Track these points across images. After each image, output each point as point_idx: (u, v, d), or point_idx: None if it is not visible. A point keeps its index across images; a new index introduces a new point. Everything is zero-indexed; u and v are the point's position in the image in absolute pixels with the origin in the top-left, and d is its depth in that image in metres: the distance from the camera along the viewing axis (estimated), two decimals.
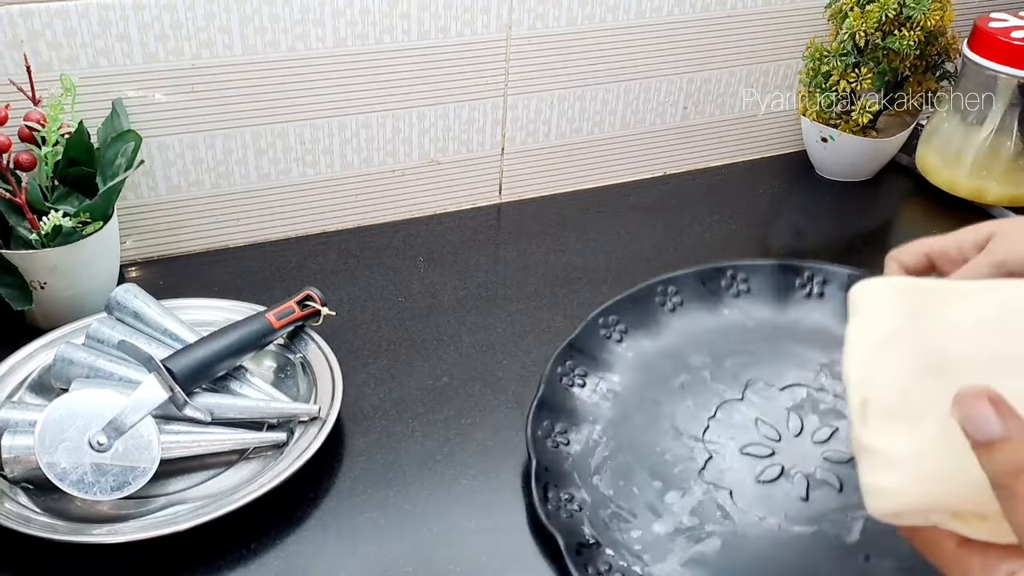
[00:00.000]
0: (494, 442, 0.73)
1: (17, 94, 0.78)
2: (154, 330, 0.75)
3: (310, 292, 0.78)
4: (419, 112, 0.97)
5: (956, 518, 0.42)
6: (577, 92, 1.03)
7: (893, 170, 1.16)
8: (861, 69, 1.04)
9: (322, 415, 0.71)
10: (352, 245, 0.98)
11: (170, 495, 0.67)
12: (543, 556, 0.64)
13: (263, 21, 0.85)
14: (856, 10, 1.02)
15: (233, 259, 0.95)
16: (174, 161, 0.89)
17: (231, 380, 0.74)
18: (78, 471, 0.63)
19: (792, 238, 1.05)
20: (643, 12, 1.01)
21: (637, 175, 1.13)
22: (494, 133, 1.02)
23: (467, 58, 0.96)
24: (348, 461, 0.71)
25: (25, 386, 0.74)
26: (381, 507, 0.67)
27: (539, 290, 0.92)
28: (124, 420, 0.64)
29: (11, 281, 0.77)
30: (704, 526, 0.65)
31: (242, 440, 0.70)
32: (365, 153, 0.97)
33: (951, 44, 1.05)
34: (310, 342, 0.78)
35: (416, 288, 0.91)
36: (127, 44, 0.82)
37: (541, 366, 0.80)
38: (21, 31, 0.78)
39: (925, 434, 0.42)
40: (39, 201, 0.78)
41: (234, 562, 0.63)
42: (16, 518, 0.62)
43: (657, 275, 0.83)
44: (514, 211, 1.06)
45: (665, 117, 1.10)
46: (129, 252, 0.92)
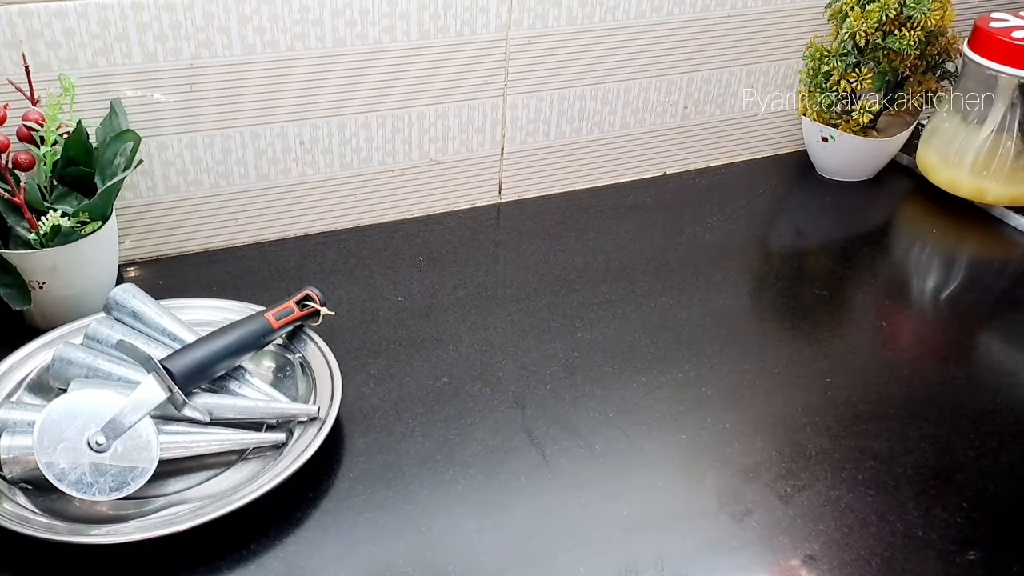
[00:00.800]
0: (494, 442, 0.73)
1: (16, 94, 0.78)
2: (153, 330, 0.75)
3: (309, 292, 0.78)
4: (418, 112, 0.97)
5: None
6: (577, 92, 1.03)
7: (894, 170, 1.16)
8: (861, 69, 1.04)
9: (321, 415, 0.71)
10: (351, 245, 0.97)
11: (169, 495, 0.67)
12: (543, 556, 0.64)
13: (262, 21, 0.85)
14: (856, 10, 1.02)
15: (232, 259, 0.94)
16: (173, 161, 0.89)
17: (230, 380, 0.74)
18: (77, 471, 0.63)
19: (792, 238, 1.05)
20: (643, 12, 1.01)
21: (637, 175, 1.13)
22: (494, 133, 1.02)
23: (467, 58, 0.96)
24: (347, 461, 0.71)
25: (24, 386, 0.74)
26: (380, 507, 0.67)
27: (539, 290, 0.92)
28: (123, 420, 0.64)
29: (10, 281, 0.76)
30: None
31: (241, 440, 0.70)
32: (364, 153, 0.97)
33: (951, 44, 1.05)
34: (309, 342, 0.78)
35: (416, 288, 0.91)
36: (126, 44, 0.82)
37: (541, 366, 0.80)
38: (20, 31, 0.78)
39: None
40: (38, 201, 0.78)
41: (233, 563, 0.63)
42: (15, 518, 0.62)
43: (657, 274, 0.82)
44: (514, 211, 1.06)
45: (665, 117, 1.10)
46: (128, 252, 0.92)
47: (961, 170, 1.07)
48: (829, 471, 0.72)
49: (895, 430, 0.77)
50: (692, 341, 0.81)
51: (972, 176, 1.06)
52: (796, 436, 0.76)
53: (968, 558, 0.66)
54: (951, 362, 0.85)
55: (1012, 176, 1.05)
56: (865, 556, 0.65)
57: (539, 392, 0.78)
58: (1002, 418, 0.79)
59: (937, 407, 0.80)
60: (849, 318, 0.92)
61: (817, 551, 0.66)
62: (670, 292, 0.92)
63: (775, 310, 0.93)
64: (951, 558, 0.66)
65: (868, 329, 0.89)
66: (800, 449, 0.74)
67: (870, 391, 0.81)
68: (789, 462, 0.73)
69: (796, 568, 0.65)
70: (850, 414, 0.78)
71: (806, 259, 1.02)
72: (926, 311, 0.93)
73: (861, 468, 0.73)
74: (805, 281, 0.97)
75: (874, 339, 0.88)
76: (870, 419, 0.78)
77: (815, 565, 0.65)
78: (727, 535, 0.67)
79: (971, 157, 1.06)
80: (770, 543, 0.66)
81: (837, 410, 0.78)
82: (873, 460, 0.74)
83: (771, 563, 0.65)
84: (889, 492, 0.71)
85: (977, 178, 1.06)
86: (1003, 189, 1.05)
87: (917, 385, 0.82)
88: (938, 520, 0.69)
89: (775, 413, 0.78)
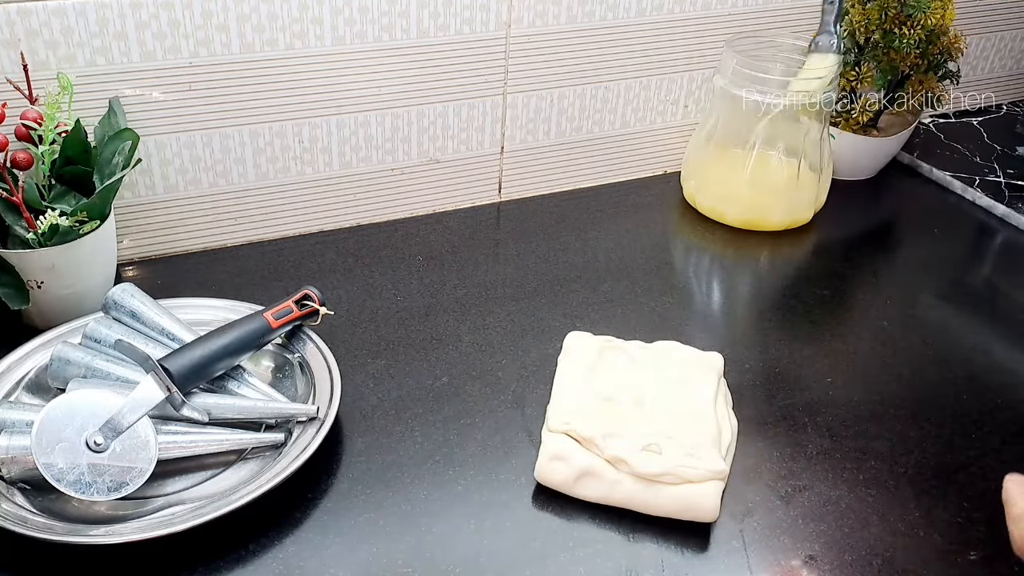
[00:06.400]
0: (494, 442, 0.73)
1: (14, 93, 0.78)
2: (151, 330, 0.75)
3: (308, 291, 0.78)
4: (418, 110, 0.96)
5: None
6: (577, 90, 1.03)
7: (895, 169, 1.16)
8: (862, 67, 1.03)
9: (320, 415, 0.71)
10: (350, 244, 0.97)
11: (168, 496, 0.67)
12: (543, 556, 0.64)
13: (261, 19, 0.85)
14: (857, 7, 1.02)
15: (231, 258, 0.94)
16: (171, 160, 0.89)
17: (229, 380, 0.73)
18: (75, 471, 0.63)
19: (793, 237, 1.04)
20: (643, 10, 1.01)
21: (637, 174, 1.13)
22: (493, 131, 1.02)
23: (466, 56, 0.95)
24: (347, 461, 0.71)
25: (22, 386, 0.73)
26: (380, 507, 0.67)
27: (539, 289, 0.91)
28: (121, 420, 0.64)
29: (8, 280, 0.76)
30: None
31: (240, 440, 0.70)
32: (364, 152, 0.97)
33: (953, 43, 1.05)
34: (308, 342, 0.78)
35: (415, 287, 0.91)
36: (124, 42, 0.82)
37: (541, 366, 0.80)
38: (18, 29, 0.78)
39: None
40: (36, 200, 0.78)
41: (232, 563, 0.63)
42: (13, 519, 0.62)
43: (657, 274, 0.82)
44: (514, 210, 1.06)
45: (666, 115, 1.10)
46: (126, 251, 0.92)
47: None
48: (830, 471, 0.72)
49: (896, 430, 0.77)
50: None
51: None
52: (797, 436, 0.75)
53: (969, 558, 0.66)
54: (952, 362, 0.85)
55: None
56: (866, 556, 0.65)
57: (539, 392, 0.77)
58: (1003, 418, 0.79)
59: (938, 407, 0.79)
60: (850, 318, 0.92)
61: (818, 551, 0.66)
62: (670, 292, 0.92)
63: (776, 310, 0.93)
64: (952, 558, 0.66)
65: (869, 329, 0.89)
66: (801, 449, 0.74)
67: (871, 391, 0.81)
68: (790, 462, 0.73)
69: (797, 568, 0.64)
70: (851, 414, 0.78)
71: (807, 258, 1.01)
72: (927, 310, 0.93)
73: (862, 468, 0.73)
74: (806, 280, 0.97)
75: (875, 339, 0.88)
76: (871, 419, 0.78)
77: (816, 565, 0.65)
78: (727, 535, 0.66)
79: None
80: (770, 543, 0.66)
81: (838, 410, 0.78)
82: (874, 460, 0.73)
83: (771, 563, 0.65)
84: (890, 492, 0.71)
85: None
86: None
87: (918, 385, 0.82)
88: (939, 520, 0.69)
89: (776, 413, 0.78)
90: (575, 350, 0.77)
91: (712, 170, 1.04)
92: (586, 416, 0.70)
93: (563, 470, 0.67)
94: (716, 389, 0.74)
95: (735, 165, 1.01)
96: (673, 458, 0.66)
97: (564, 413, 0.70)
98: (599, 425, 0.69)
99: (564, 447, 0.68)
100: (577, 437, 0.68)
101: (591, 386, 0.73)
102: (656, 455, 0.67)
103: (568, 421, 0.69)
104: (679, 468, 0.66)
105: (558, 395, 0.73)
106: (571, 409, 0.71)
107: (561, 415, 0.70)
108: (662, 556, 0.65)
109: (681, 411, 0.71)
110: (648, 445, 0.67)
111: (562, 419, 0.70)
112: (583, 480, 0.67)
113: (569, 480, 0.67)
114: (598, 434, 0.68)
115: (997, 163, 1.17)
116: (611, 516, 0.67)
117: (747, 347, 0.85)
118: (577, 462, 0.67)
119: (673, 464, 0.66)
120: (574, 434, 0.68)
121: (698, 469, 0.66)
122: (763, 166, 1.01)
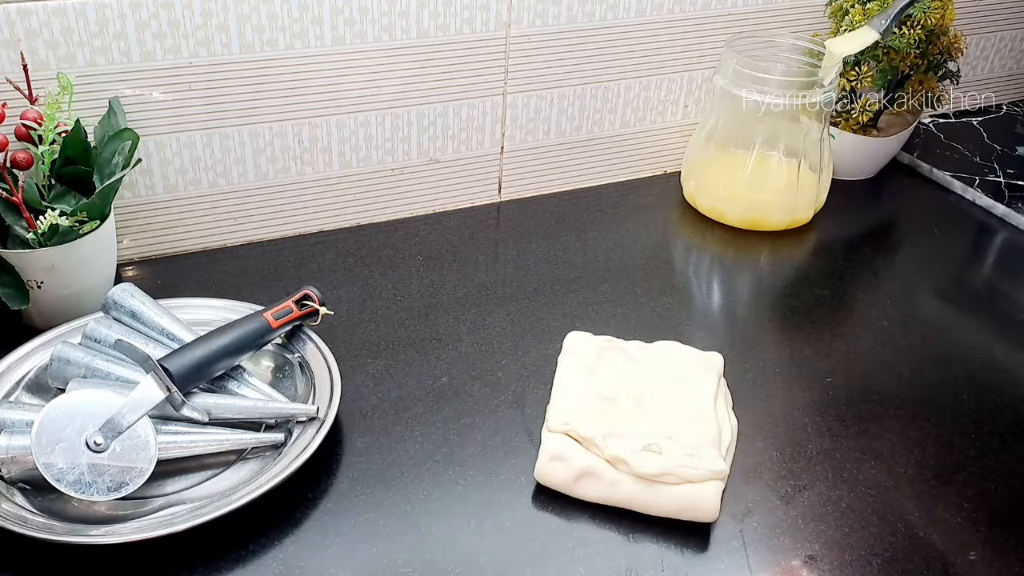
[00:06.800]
0: (494, 442, 0.73)
1: (14, 93, 0.78)
2: (151, 330, 0.75)
3: (308, 291, 0.78)
4: (418, 110, 0.96)
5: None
6: (577, 90, 1.03)
7: (895, 169, 1.16)
8: (862, 67, 1.03)
9: (320, 415, 0.71)
10: (350, 244, 0.97)
11: (168, 496, 0.67)
12: (543, 556, 0.64)
13: (261, 19, 0.85)
14: (857, 7, 1.02)
15: (231, 258, 0.94)
16: (171, 160, 0.89)
17: (229, 380, 0.73)
18: (75, 471, 0.63)
19: (793, 237, 1.04)
20: (643, 10, 1.01)
21: (637, 174, 1.13)
22: (493, 131, 1.02)
23: (466, 56, 0.95)
24: (347, 461, 0.71)
25: (22, 386, 0.73)
26: (380, 507, 0.67)
27: (538, 289, 0.91)
28: (121, 420, 0.64)
29: (8, 280, 0.76)
30: None
31: (240, 440, 0.70)
32: (364, 152, 0.97)
33: (953, 43, 1.05)
34: (308, 342, 0.78)
35: (415, 287, 0.91)
36: (124, 42, 0.82)
37: (541, 366, 0.80)
38: (18, 29, 0.78)
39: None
40: (36, 200, 0.78)
41: (232, 563, 0.63)
42: (13, 519, 0.62)
43: (657, 274, 0.82)
44: (514, 210, 1.06)
45: (666, 115, 1.10)
46: (126, 251, 0.92)
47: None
48: (830, 471, 0.72)
49: (896, 430, 0.77)
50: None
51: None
52: (797, 436, 0.75)
53: (969, 558, 0.66)
54: (952, 362, 0.85)
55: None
56: (866, 556, 0.65)
57: (539, 392, 0.77)
58: (1003, 418, 0.79)
59: (938, 407, 0.79)
60: (850, 317, 0.92)
61: (818, 551, 0.66)
62: (670, 292, 0.92)
63: (776, 310, 0.93)
64: (952, 558, 0.66)
65: (869, 329, 0.89)
66: (801, 449, 0.74)
67: (871, 391, 0.81)
68: (790, 462, 0.73)
69: (797, 568, 0.64)
70: (851, 414, 0.78)
71: (807, 258, 1.01)
72: (927, 310, 0.93)
73: (862, 468, 0.73)
74: (806, 280, 0.97)
75: (875, 339, 0.88)
76: (871, 419, 0.78)
77: (816, 565, 0.65)
78: (727, 535, 0.66)
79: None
80: (770, 543, 0.66)
81: (838, 410, 0.78)
82: (874, 460, 0.73)
83: (771, 563, 0.65)
84: (890, 492, 0.71)
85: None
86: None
87: (918, 385, 0.82)
88: (939, 520, 0.69)
89: (775, 413, 0.78)
90: (575, 350, 0.77)
91: (712, 170, 1.04)
92: (586, 416, 0.70)
93: (563, 470, 0.67)
94: (716, 389, 0.74)
95: (735, 165, 1.02)
96: (673, 458, 0.66)
97: (564, 413, 0.70)
98: (599, 425, 0.69)
99: (564, 447, 0.68)
100: (577, 437, 0.68)
101: (591, 386, 0.73)
102: (656, 455, 0.67)
103: (568, 421, 0.69)
104: (679, 468, 0.66)
105: (558, 395, 0.73)
106: (571, 409, 0.71)
107: (561, 415, 0.70)
108: (662, 556, 0.65)
109: (681, 411, 0.71)
110: (648, 445, 0.67)
111: (562, 419, 0.70)
112: (583, 480, 0.67)
113: (569, 480, 0.67)
114: (598, 434, 0.68)
115: (997, 163, 1.17)
116: (611, 516, 0.67)
117: (747, 347, 0.85)
118: (577, 462, 0.67)
119: (673, 464, 0.66)
120: (574, 434, 0.68)
121: (698, 469, 0.66)
122: (763, 166, 1.01)
